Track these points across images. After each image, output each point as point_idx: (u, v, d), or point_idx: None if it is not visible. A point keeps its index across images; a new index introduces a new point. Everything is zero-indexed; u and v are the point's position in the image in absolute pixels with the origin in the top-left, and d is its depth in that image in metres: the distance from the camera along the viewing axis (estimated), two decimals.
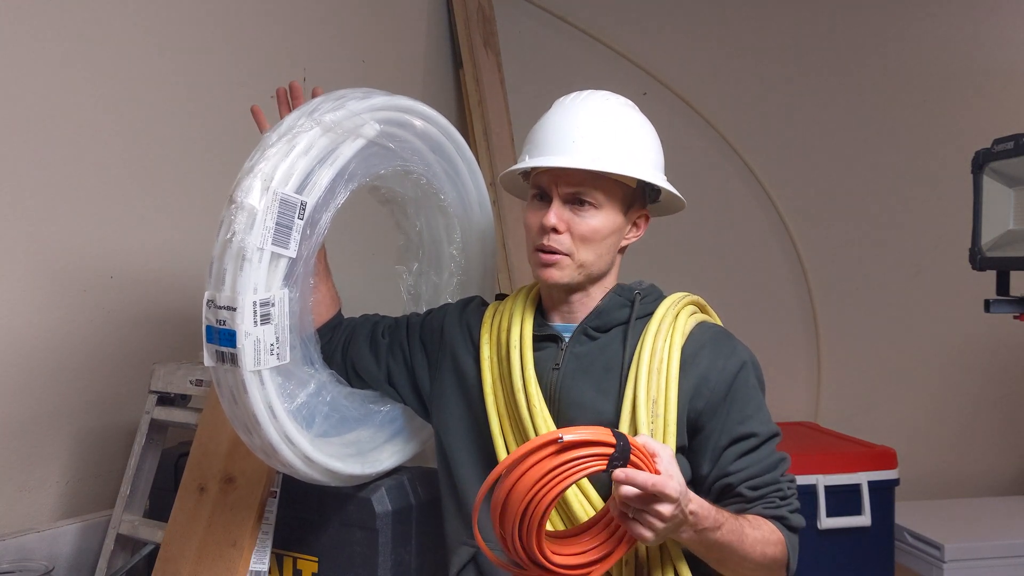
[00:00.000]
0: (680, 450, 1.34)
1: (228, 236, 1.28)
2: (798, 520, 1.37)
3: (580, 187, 1.37)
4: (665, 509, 1.12)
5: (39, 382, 1.73)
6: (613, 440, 1.09)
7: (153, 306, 1.94)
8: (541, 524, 1.10)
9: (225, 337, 1.28)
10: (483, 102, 3.02)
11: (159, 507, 1.75)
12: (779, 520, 1.34)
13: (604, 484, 1.32)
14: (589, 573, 1.18)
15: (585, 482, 1.34)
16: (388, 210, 1.75)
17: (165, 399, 1.77)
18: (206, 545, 1.54)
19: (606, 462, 1.09)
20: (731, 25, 3.38)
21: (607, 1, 3.37)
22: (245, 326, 1.27)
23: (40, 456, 1.74)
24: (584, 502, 1.34)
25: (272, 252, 1.30)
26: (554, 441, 1.08)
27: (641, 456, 1.12)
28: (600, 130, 1.38)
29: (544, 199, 1.40)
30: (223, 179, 2.07)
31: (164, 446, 1.81)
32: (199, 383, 1.72)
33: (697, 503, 1.20)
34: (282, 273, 1.33)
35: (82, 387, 1.81)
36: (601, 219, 1.38)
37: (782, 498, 1.36)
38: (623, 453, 1.09)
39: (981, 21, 3.35)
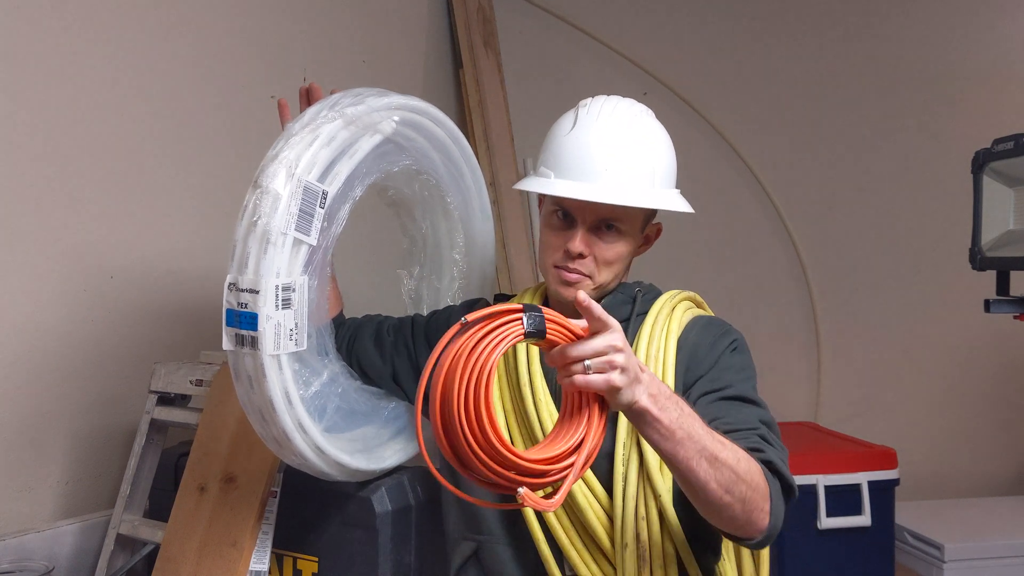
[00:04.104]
0: None
1: (254, 219, 1.29)
2: (780, 465, 1.22)
3: (609, 216, 1.38)
4: (617, 341, 1.05)
5: (39, 382, 1.73)
6: (519, 308, 1.05)
7: (153, 306, 1.94)
8: (488, 408, 1.01)
9: (246, 320, 1.29)
10: (483, 102, 3.02)
11: (159, 507, 1.75)
12: (756, 452, 1.22)
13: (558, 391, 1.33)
14: (571, 463, 1.08)
15: (544, 394, 1.38)
16: (394, 212, 1.77)
17: (165, 399, 1.77)
18: (206, 545, 1.54)
19: (520, 327, 1.03)
20: (731, 25, 3.37)
21: (608, 1, 3.37)
22: (267, 309, 1.28)
23: (40, 456, 1.74)
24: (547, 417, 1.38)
25: (294, 238, 1.31)
26: (461, 325, 1.03)
27: (556, 318, 1.07)
28: (631, 156, 1.37)
29: (567, 219, 1.40)
30: (223, 179, 2.09)
31: (164, 446, 1.81)
32: (199, 383, 1.72)
33: (647, 369, 1.12)
34: (303, 260, 1.34)
35: (82, 387, 1.81)
36: (624, 244, 1.41)
37: (761, 436, 1.26)
38: (535, 319, 1.04)
39: (981, 21, 3.35)
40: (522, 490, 1.04)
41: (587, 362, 1.04)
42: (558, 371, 1.07)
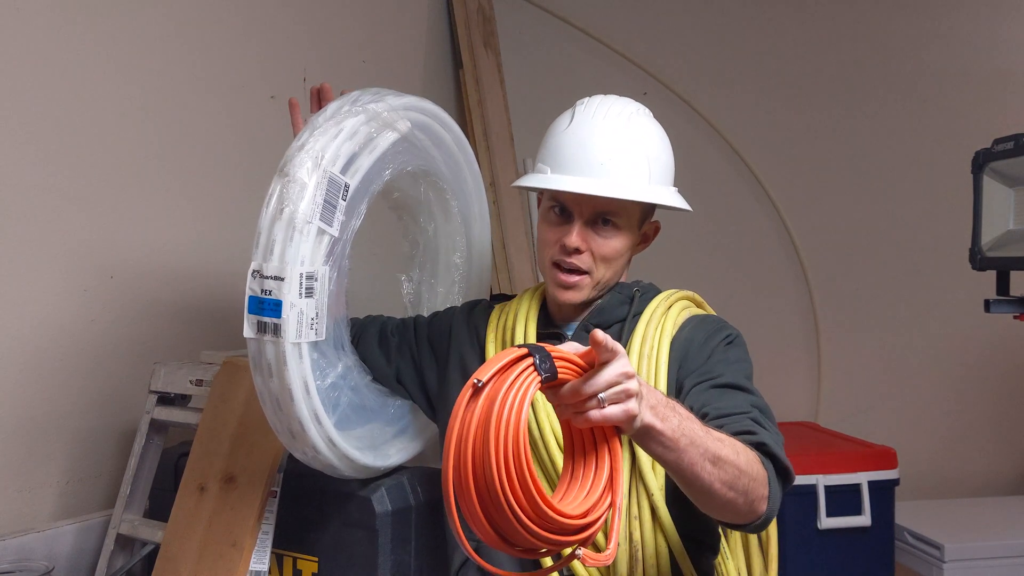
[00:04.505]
0: None
1: (280, 207, 1.30)
2: (774, 447, 1.20)
3: (605, 210, 1.39)
4: (628, 367, 1.00)
5: (39, 382, 1.73)
6: (525, 351, 0.97)
7: (154, 306, 1.94)
8: (532, 475, 0.93)
9: (270, 307, 1.30)
10: (483, 102, 3.02)
11: (159, 507, 1.75)
12: (748, 434, 1.21)
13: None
14: (611, 504, 1.02)
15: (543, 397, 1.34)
16: (397, 216, 1.77)
17: (165, 399, 1.77)
18: (206, 545, 1.54)
19: (536, 374, 0.95)
20: (731, 25, 3.37)
21: (608, 1, 3.37)
22: (291, 297, 1.29)
23: (40, 456, 1.74)
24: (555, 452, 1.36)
25: (318, 227, 1.32)
26: (473, 387, 0.94)
27: (562, 354, 1.00)
28: (626, 151, 1.38)
29: (564, 214, 1.41)
30: (224, 179, 2.09)
31: (164, 446, 1.81)
32: (199, 383, 1.72)
33: (642, 380, 1.07)
34: (325, 250, 1.35)
35: (82, 387, 1.81)
36: (621, 239, 1.41)
37: (753, 420, 1.24)
38: (545, 360, 0.97)
39: (982, 21, 3.35)
40: (581, 551, 0.98)
41: (601, 395, 0.99)
42: (566, 410, 1.01)
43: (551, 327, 1.48)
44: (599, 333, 0.98)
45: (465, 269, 1.78)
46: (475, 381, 0.94)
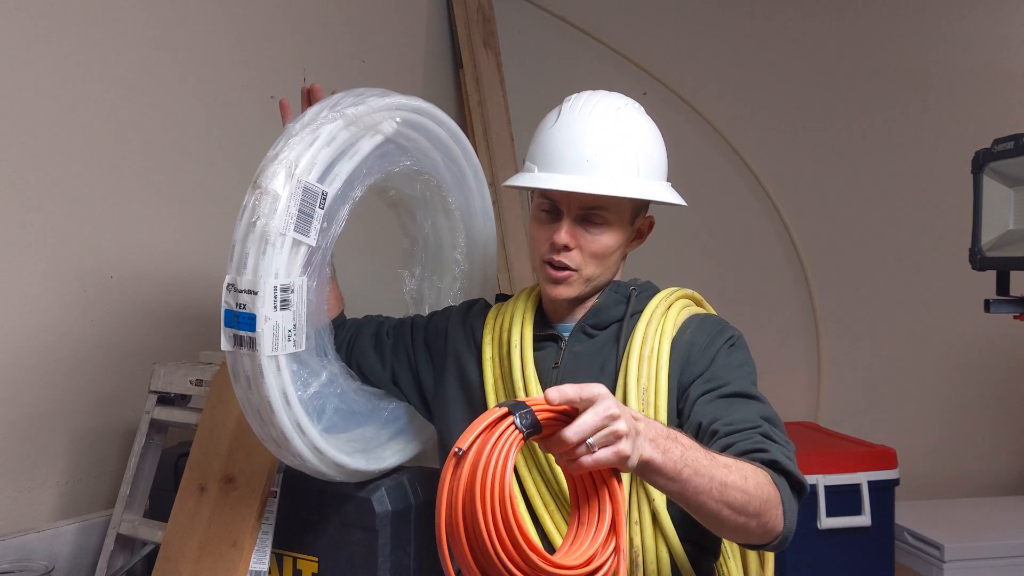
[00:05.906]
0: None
1: (252, 220, 1.29)
2: (786, 462, 1.20)
3: (593, 207, 1.37)
4: (613, 408, 0.98)
5: (39, 382, 1.73)
6: (504, 410, 0.96)
7: (153, 306, 1.94)
8: (525, 534, 0.93)
9: (244, 321, 1.29)
10: (483, 102, 3.02)
11: (159, 507, 1.75)
12: (760, 452, 1.19)
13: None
14: (616, 547, 1.02)
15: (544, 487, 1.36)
16: (395, 213, 1.77)
17: (165, 399, 1.78)
18: (206, 545, 1.54)
19: (517, 431, 0.95)
20: (731, 24, 3.37)
21: (608, 1, 3.37)
22: (265, 310, 1.28)
23: (40, 456, 1.74)
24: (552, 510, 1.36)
25: (293, 239, 1.31)
26: (455, 455, 0.95)
27: (546, 405, 0.99)
28: (613, 146, 1.36)
29: (554, 212, 1.40)
30: (224, 179, 2.09)
31: (164, 446, 1.81)
32: (199, 383, 1.72)
33: (639, 415, 1.07)
34: (302, 261, 1.34)
35: (82, 387, 1.81)
36: (611, 236, 1.39)
37: (764, 435, 1.23)
38: (526, 415, 0.96)
39: (981, 21, 3.35)
40: None
41: (589, 440, 0.97)
42: (559, 459, 1.01)
43: (547, 328, 1.47)
44: (563, 390, 0.97)
45: (466, 265, 1.77)
46: (456, 450, 0.94)
